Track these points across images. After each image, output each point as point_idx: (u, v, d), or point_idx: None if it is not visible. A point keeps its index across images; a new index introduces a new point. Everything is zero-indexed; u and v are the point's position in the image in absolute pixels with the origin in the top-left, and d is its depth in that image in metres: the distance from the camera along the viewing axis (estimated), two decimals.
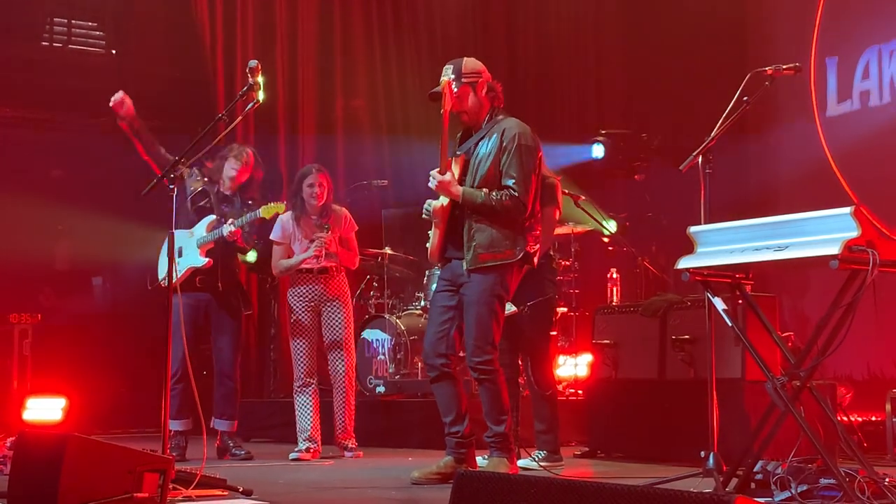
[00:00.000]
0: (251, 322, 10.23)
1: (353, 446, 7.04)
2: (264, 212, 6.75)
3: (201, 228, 6.93)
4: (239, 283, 7.26)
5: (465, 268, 5.32)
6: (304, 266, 6.97)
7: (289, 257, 7.05)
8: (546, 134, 5.90)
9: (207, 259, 6.89)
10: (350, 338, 7.11)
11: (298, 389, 7.04)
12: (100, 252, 10.40)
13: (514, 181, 5.27)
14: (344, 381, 7.02)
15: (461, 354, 5.50)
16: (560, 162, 9.77)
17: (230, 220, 6.84)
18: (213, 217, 6.94)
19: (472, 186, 5.34)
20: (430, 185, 5.40)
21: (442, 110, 5.31)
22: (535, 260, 5.49)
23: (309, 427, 6.99)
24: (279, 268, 7.10)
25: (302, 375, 7.02)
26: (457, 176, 5.38)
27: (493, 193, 5.27)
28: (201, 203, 6.98)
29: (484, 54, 5.61)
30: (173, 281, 4.98)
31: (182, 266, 6.87)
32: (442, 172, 5.35)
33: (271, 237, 7.11)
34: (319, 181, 7.00)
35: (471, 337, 5.33)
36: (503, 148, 5.32)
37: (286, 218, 7.06)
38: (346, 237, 7.13)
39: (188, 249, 6.93)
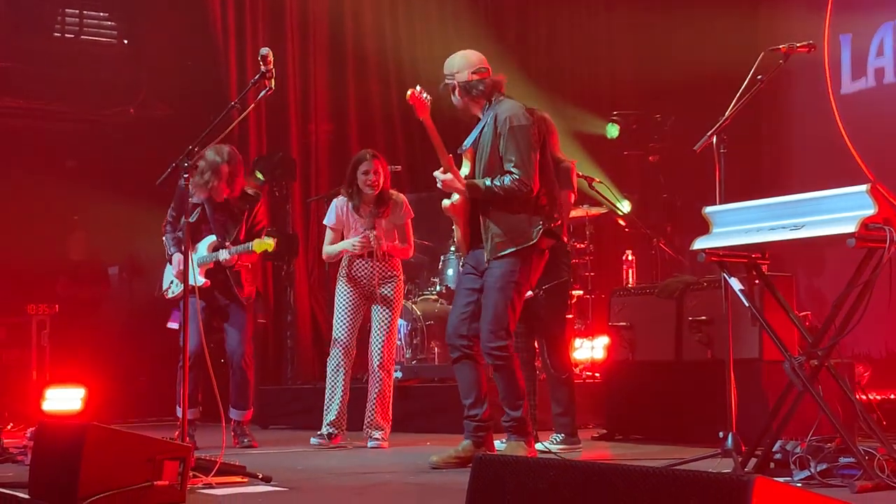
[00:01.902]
0: (267, 310, 10.25)
1: (381, 437, 6.76)
2: (256, 246, 6.63)
3: (203, 248, 6.83)
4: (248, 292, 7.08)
5: (486, 258, 5.36)
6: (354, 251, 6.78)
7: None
8: (558, 118, 5.88)
9: (206, 280, 6.79)
10: (394, 324, 6.91)
11: (333, 370, 6.80)
12: (115, 242, 10.44)
13: (512, 164, 5.29)
14: (379, 370, 6.80)
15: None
16: (572, 127, 9.80)
17: (227, 247, 6.76)
18: (213, 238, 6.85)
19: (479, 176, 5.38)
20: (437, 185, 5.45)
21: (420, 118, 5.43)
22: (562, 234, 5.49)
23: (335, 411, 6.79)
24: (325, 252, 7.00)
25: (339, 354, 6.78)
26: (470, 169, 5.43)
27: (495, 179, 5.30)
28: (197, 217, 6.84)
29: (494, 38, 5.58)
30: (189, 270, 4.99)
31: (181, 285, 6.68)
32: (445, 172, 5.38)
33: (324, 222, 6.95)
34: (375, 168, 6.72)
35: (486, 322, 5.34)
36: (498, 133, 5.36)
37: (340, 203, 6.86)
38: (401, 225, 6.90)
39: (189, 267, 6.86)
